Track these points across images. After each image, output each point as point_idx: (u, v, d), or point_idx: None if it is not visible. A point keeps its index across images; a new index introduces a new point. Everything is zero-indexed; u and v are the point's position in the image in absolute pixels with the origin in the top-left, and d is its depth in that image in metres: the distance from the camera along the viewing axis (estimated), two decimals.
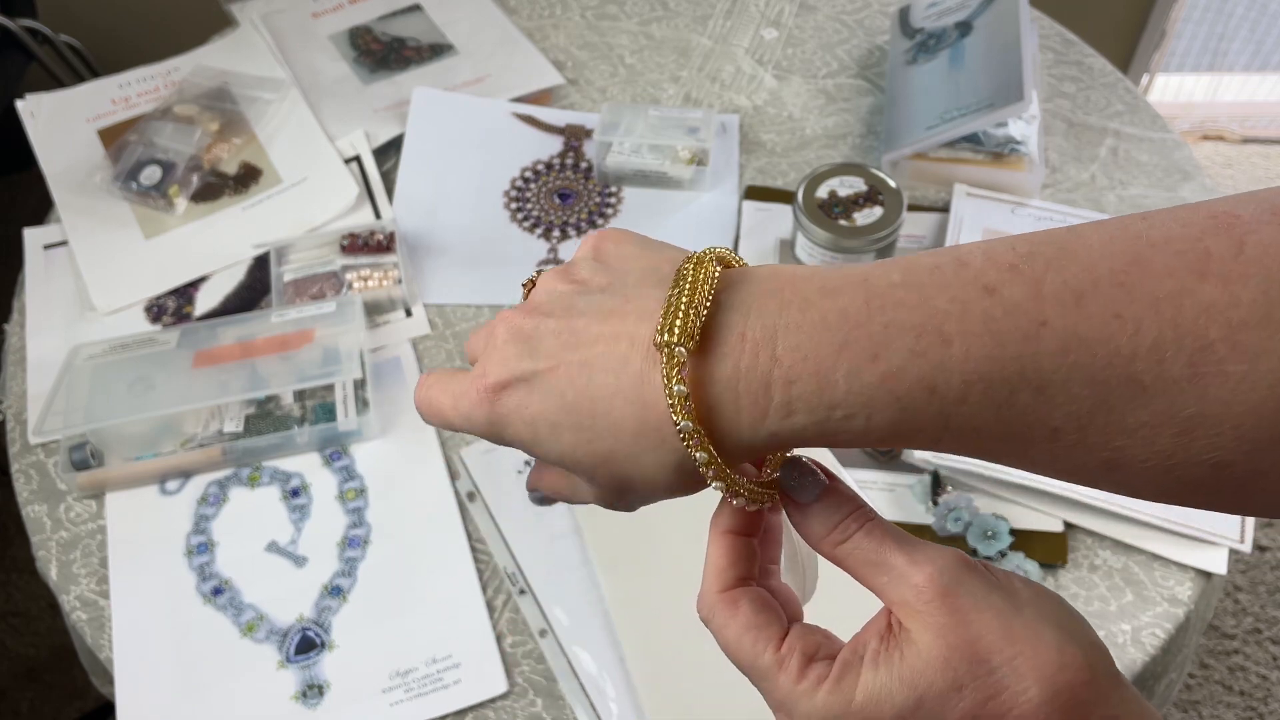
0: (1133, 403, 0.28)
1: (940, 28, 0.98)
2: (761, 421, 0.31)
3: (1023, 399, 0.29)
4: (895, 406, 0.30)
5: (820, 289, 0.31)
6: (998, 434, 0.30)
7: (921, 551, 0.32)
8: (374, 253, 0.86)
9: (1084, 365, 0.28)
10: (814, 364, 0.30)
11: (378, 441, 0.78)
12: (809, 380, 0.30)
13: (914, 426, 0.30)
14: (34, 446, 0.79)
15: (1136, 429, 0.28)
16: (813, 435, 0.31)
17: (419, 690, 0.67)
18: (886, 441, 0.31)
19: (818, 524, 0.34)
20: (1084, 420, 0.29)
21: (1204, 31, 1.92)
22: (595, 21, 1.09)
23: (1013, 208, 0.89)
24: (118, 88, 1.03)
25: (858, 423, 0.30)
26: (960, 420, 0.30)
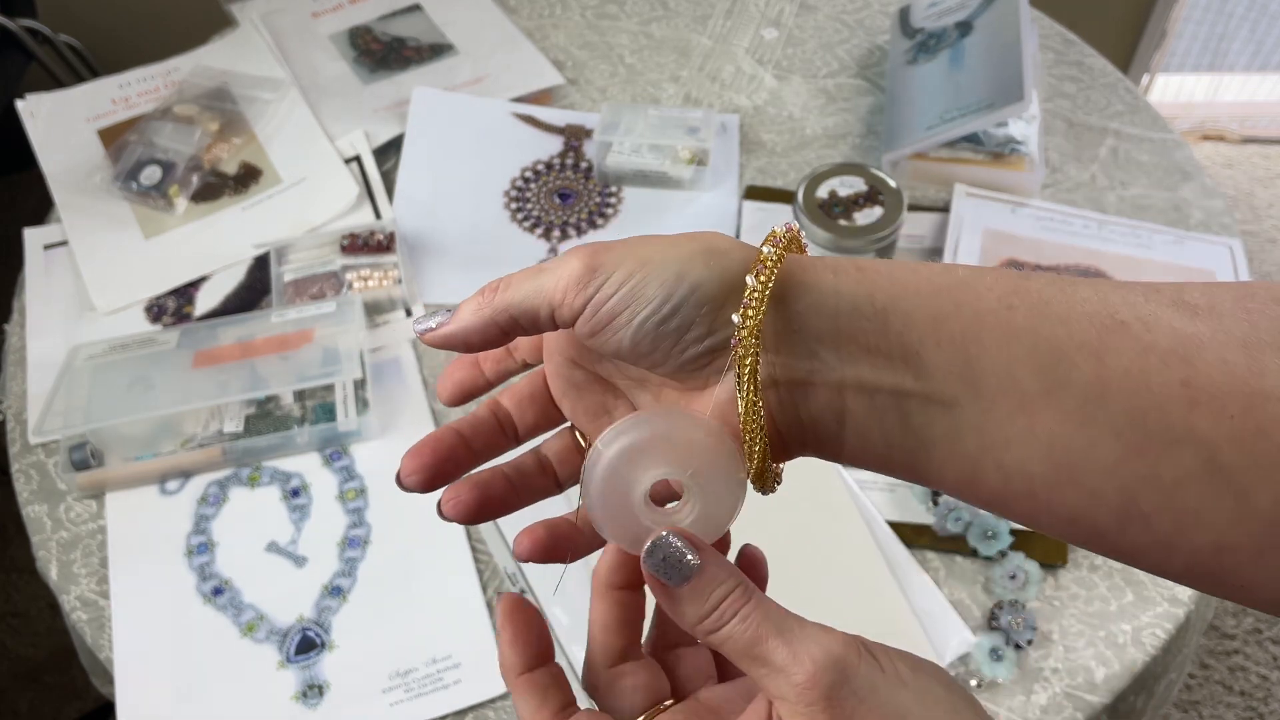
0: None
1: (940, 28, 0.98)
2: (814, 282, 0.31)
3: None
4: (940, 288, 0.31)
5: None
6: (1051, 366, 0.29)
7: (803, 643, 0.29)
8: (374, 253, 0.86)
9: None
10: (886, 274, 0.31)
11: (378, 441, 0.78)
12: (880, 269, 0.32)
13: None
14: (34, 446, 0.79)
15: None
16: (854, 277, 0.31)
17: (419, 690, 0.67)
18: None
19: (689, 609, 0.30)
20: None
21: (1204, 31, 1.92)
22: (595, 21, 1.09)
23: (1013, 208, 0.89)
24: (118, 88, 1.03)
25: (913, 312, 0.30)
26: (1007, 338, 0.30)
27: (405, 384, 0.81)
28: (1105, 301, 0.30)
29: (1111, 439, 0.28)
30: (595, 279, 0.32)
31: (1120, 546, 0.30)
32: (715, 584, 0.30)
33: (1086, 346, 0.29)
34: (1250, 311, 0.29)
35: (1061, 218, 0.88)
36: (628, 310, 0.31)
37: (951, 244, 0.86)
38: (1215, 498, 0.28)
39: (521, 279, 0.34)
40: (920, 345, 0.30)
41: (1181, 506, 0.28)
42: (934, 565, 0.70)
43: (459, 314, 0.36)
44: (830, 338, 0.31)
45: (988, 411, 0.29)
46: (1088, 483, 0.29)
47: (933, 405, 0.30)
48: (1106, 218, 0.89)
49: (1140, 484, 0.28)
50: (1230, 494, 0.27)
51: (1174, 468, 0.28)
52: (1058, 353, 0.29)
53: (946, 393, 0.30)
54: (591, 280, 0.32)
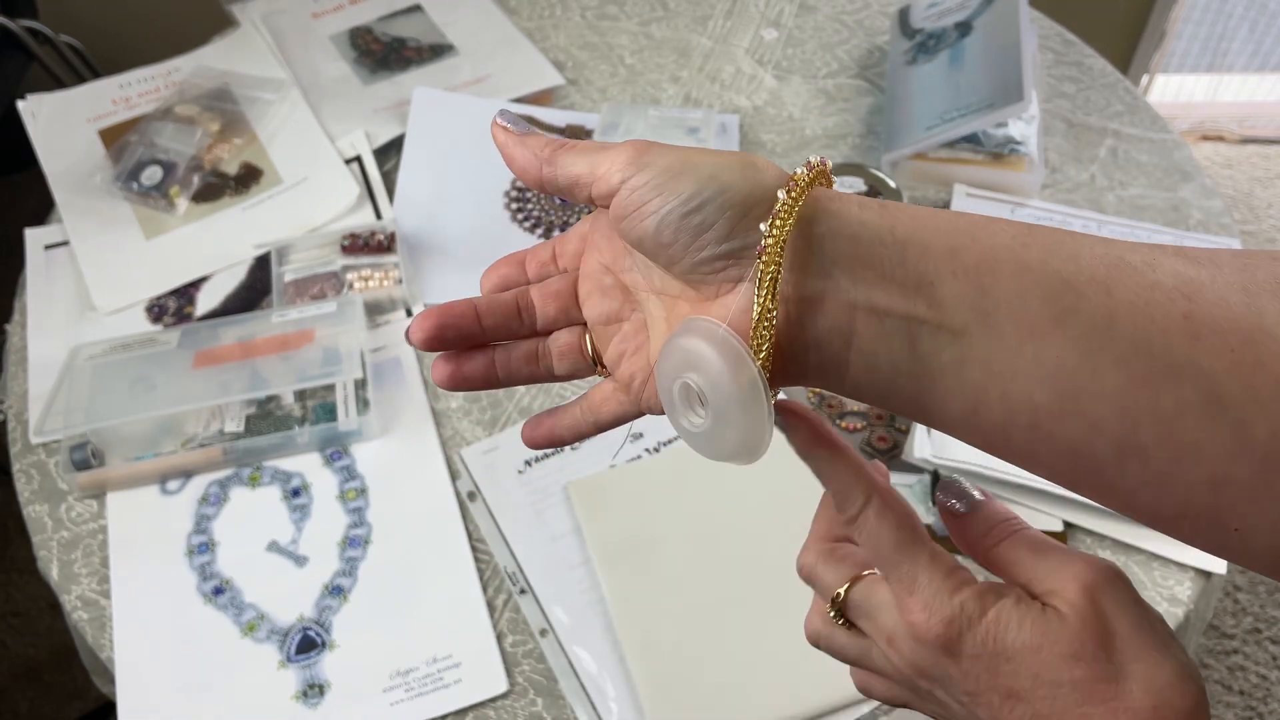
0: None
1: (940, 28, 0.98)
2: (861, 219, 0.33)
3: (1067, 298, 0.31)
4: (970, 242, 0.32)
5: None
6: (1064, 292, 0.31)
7: (1077, 555, 0.34)
8: (374, 253, 0.86)
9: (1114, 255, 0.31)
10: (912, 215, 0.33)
11: (378, 441, 0.78)
12: (901, 211, 0.33)
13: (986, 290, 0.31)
14: (35, 446, 0.79)
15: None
16: (874, 220, 0.32)
17: (419, 690, 0.67)
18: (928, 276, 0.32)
19: (977, 529, 0.36)
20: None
21: (1204, 32, 1.92)
22: (595, 21, 1.09)
23: (1012, 208, 0.89)
24: (118, 88, 1.03)
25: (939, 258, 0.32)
26: (1033, 293, 0.31)
27: (406, 384, 0.81)
28: (1111, 246, 0.31)
29: (1115, 368, 0.29)
30: (637, 166, 0.34)
31: (1115, 485, 0.31)
32: (997, 510, 0.36)
33: (1095, 280, 0.30)
34: (1248, 266, 0.30)
35: (1061, 218, 0.88)
36: (658, 199, 0.33)
37: None
38: (1214, 430, 0.29)
39: (583, 151, 0.36)
40: (935, 275, 0.31)
41: (1180, 438, 0.29)
42: None
43: (518, 150, 0.38)
44: (847, 261, 0.32)
45: (996, 340, 0.31)
46: (1090, 412, 0.30)
47: (942, 333, 0.31)
48: (1106, 218, 0.89)
49: (1141, 414, 0.29)
50: (1229, 426, 0.28)
51: (1175, 399, 0.29)
52: (1068, 284, 0.30)
53: (957, 321, 0.31)
54: (634, 166, 0.34)
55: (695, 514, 0.72)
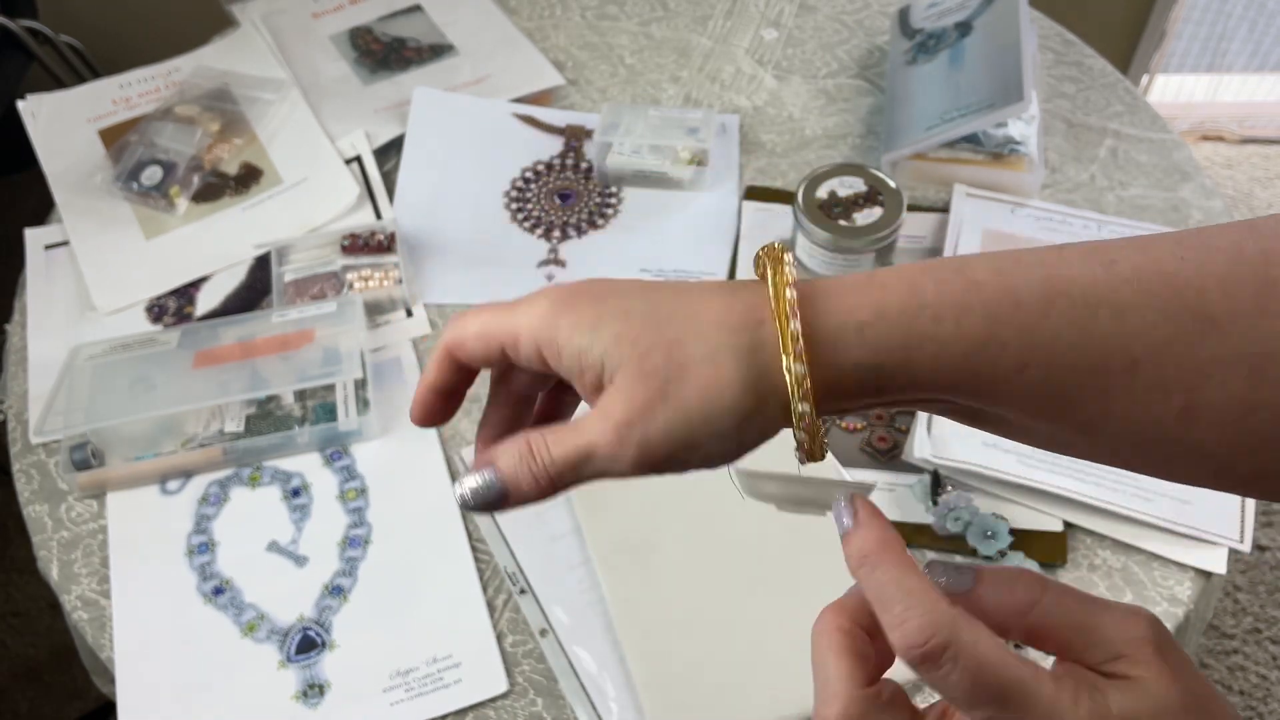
0: (1205, 337, 0.30)
1: (940, 28, 0.98)
2: (854, 313, 0.32)
3: (1103, 319, 0.31)
4: (981, 313, 0.31)
5: (895, 274, 0.34)
6: (1080, 362, 0.31)
7: (1123, 610, 0.32)
8: (374, 253, 0.86)
9: (1157, 293, 0.30)
10: (906, 279, 0.33)
11: (378, 441, 0.78)
12: (900, 287, 0.32)
13: (1000, 343, 0.31)
14: (35, 446, 0.79)
15: (1210, 366, 0.30)
16: (898, 342, 0.32)
17: (419, 690, 0.67)
18: (973, 371, 0.32)
19: (1001, 597, 0.32)
20: (1161, 350, 0.30)
21: (1203, 32, 1.92)
22: (595, 22, 1.09)
23: (1012, 208, 0.89)
24: (118, 88, 1.03)
25: (946, 327, 0.32)
26: (1045, 338, 0.31)
27: (406, 384, 0.81)
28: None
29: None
30: (637, 430, 0.33)
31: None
32: (1010, 573, 0.33)
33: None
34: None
35: (1061, 218, 0.88)
36: (684, 453, 0.33)
37: (951, 244, 0.86)
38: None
39: (561, 436, 0.34)
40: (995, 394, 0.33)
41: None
42: None
43: (511, 481, 0.36)
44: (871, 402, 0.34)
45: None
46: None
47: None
48: (1106, 218, 0.89)
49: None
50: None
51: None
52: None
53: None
54: (633, 433, 0.33)
55: (695, 514, 0.72)
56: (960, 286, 0.32)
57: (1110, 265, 0.31)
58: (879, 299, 0.32)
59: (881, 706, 0.32)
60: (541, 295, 0.35)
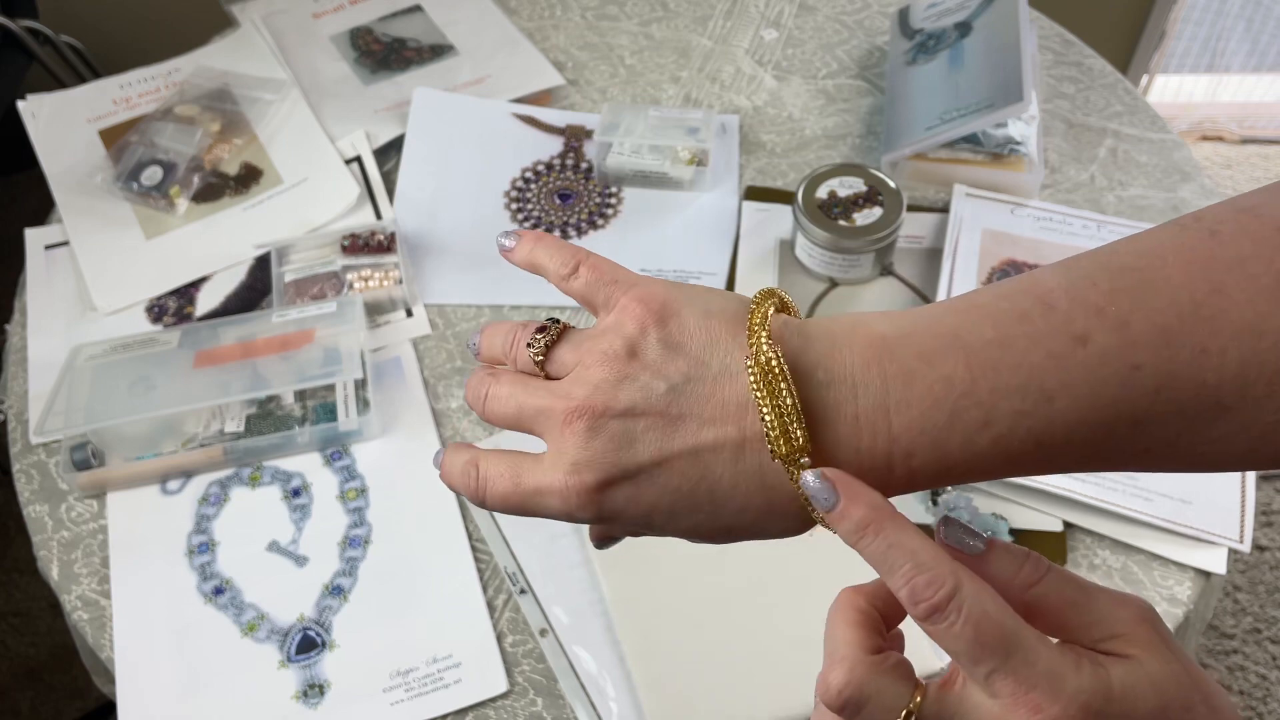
0: (1217, 421, 0.31)
1: (940, 28, 0.98)
2: (887, 486, 0.33)
3: (1120, 433, 0.32)
4: (1005, 457, 0.32)
5: (918, 355, 0.33)
6: (1093, 461, 0.33)
7: (1119, 595, 0.33)
8: (375, 253, 0.86)
9: (1175, 399, 0.31)
10: (930, 437, 0.32)
11: (378, 441, 0.78)
12: (927, 451, 0.32)
13: (1023, 466, 0.33)
14: (35, 446, 0.79)
15: (1219, 439, 0.31)
16: (931, 484, 0.34)
17: (419, 690, 0.67)
18: (995, 478, 0.34)
19: (1008, 569, 0.33)
20: (1172, 440, 0.32)
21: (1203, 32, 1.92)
22: (595, 22, 1.09)
23: (1012, 208, 0.89)
24: (119, 88, 1.03)
25: (974, 475, 0.33)
26: (1064, 457, 0.33)
27: (406, 384, 0.81)
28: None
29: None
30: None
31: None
32: (1015, 549, 0.33)
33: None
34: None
35: (1061, 218, 0.88)
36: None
37: (951, 245, 0.86)
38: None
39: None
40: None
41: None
42: None
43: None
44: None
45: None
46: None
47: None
48: (1106, 218, 0.89)
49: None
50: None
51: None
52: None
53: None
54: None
55: None
56: (987, 443, 0.32)
57: (1133, 373, 0.31)
58: (907, 472, 0.33)
59: (884, 671, 0.32)
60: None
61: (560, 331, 0.37)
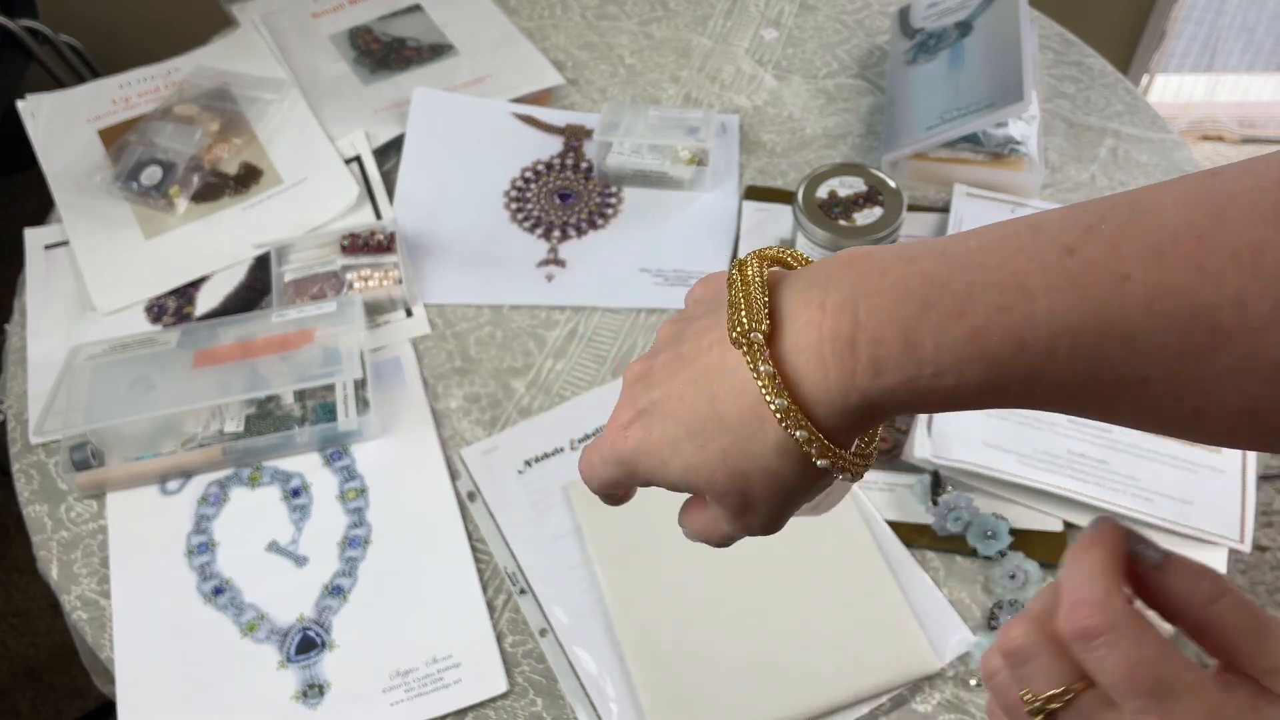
0: (1218, 350, 0.29)
1: (940, 28, 0.98)
2: (850, 381, 0.32)
3: (1111, 348, 0.29)
4: (984, 362, 0.30)
5: (896, 256, 0.32)
6: (1089, 385, 0.30)
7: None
8: (374, 253, 0.86)
9: (1169, 314, 0.29)
10: (899, 325, 0.31)
11: (378, 441, 0.78)
12: (895, 340, 0.31)
13: (1005, 382, 0.31)
14: (35, 446, 0.79)
15: (1223, 375, 0.29)
16: (904, 396, 0.32)
17: (419, 690, 0.67)
18: (980, 400, 0.32)
19: (1186, 583, 0.32)
20: (1172, 367, 0.29)
21: (1203, 32, 1.92)
22: (595, 21, 1.09)
23: (1012, 208, 0.89)
24: (118, 88, 1.03)
25: (948, 380, 0.31)
26: (1051, 374, 0.30)
27: (406, 384, 0.81)
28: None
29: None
30: None
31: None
32: (1197, 564, 0.32)
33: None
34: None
35: None
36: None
37: None
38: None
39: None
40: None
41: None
42: (933, 565, 0.71)
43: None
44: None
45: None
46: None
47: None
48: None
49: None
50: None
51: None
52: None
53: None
54: None
55: None
56: (962, 336, 0.30)
57: (1122, 283, 0.29)
58: (873, 360, 0.31)
59: (1054, 642, 0.32)
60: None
61: None
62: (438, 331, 0.84)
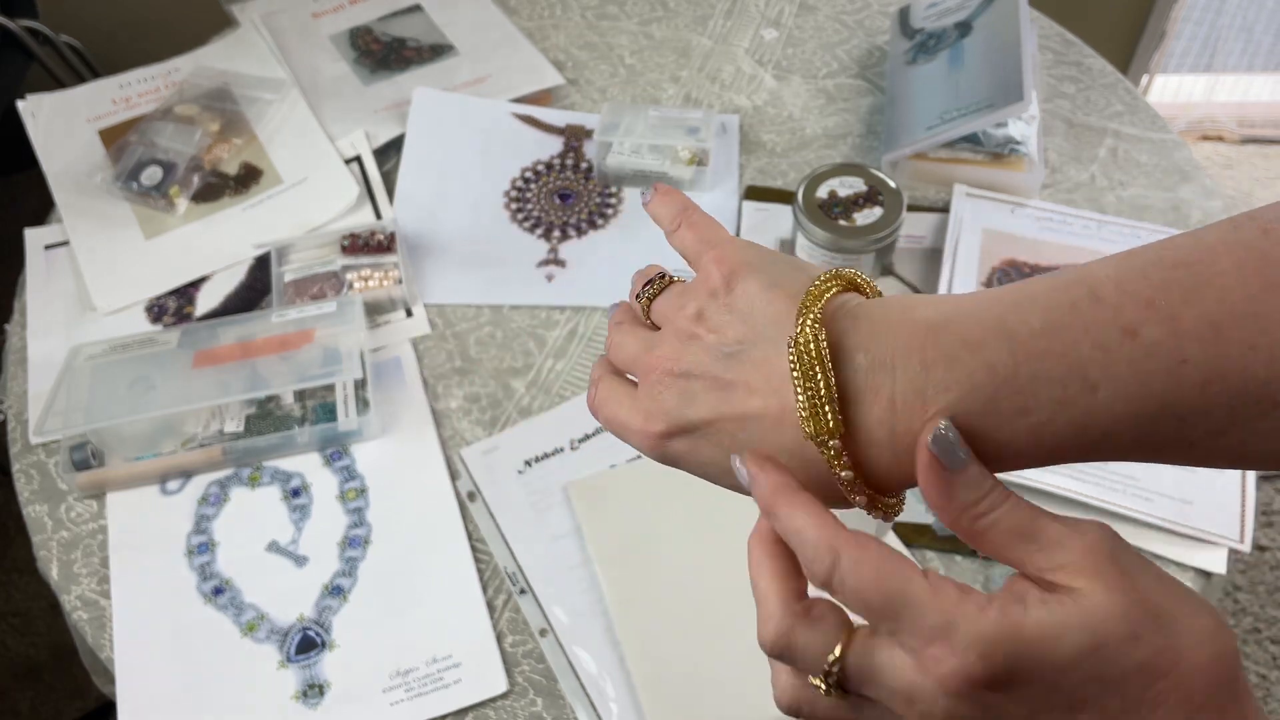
0: (1265, 417, 0.31)
1: (940, 28, 0.98)
2: (915, 474, 0.33)
3: (1164, 427, 0.31)
4: (1043, 449, 0.32)
5: (962, 342, 0.32)
6: (1138, 451, 0.32)
7: (1073, 521, 0.32)
8: (374, 253, 0.86)
9: (1222, 394, 0.30)
10: (965, 422, 0.32)
11: (378, 441, 0.78)
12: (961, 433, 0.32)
13: (1060, 457, 0.33)
14: (35, 446, 0.79)
15: (1266, 434, 0.31)
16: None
17: (419, 690, 0.67)
18: (1031, 466, 0.34)
19: (966, 493, 0.32)
20: (1218, 434, 0.31)
21: (1203, 32, 1.92)
22: (595, 21, 1.09)
23: (1012, 208, 0.89)
24: (118, 88, 1.03)
25: (1008, 464, 0.33)
26: (1105, 449, 0.32)
27: (406, 384, 0.81)
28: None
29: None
30: None
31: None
32: (985, 475, 0.33)
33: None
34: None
35: (1061, 218, 0.88)
36: None
37: (951, 244, 0.86)
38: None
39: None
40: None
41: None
42: (934, 565, 0.71)
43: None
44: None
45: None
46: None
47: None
48: (1106, 218, 0.89)
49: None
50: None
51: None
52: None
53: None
54: None
55: (695, 514, 0.72)
56: (1024, 429, 0.32)
57: (1180, 367, 0.30)
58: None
59: (807, 621, 0.33)
60: None
61: (664, 285, 0.41)
62: (438, 331, 0.84)
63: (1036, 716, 0.30)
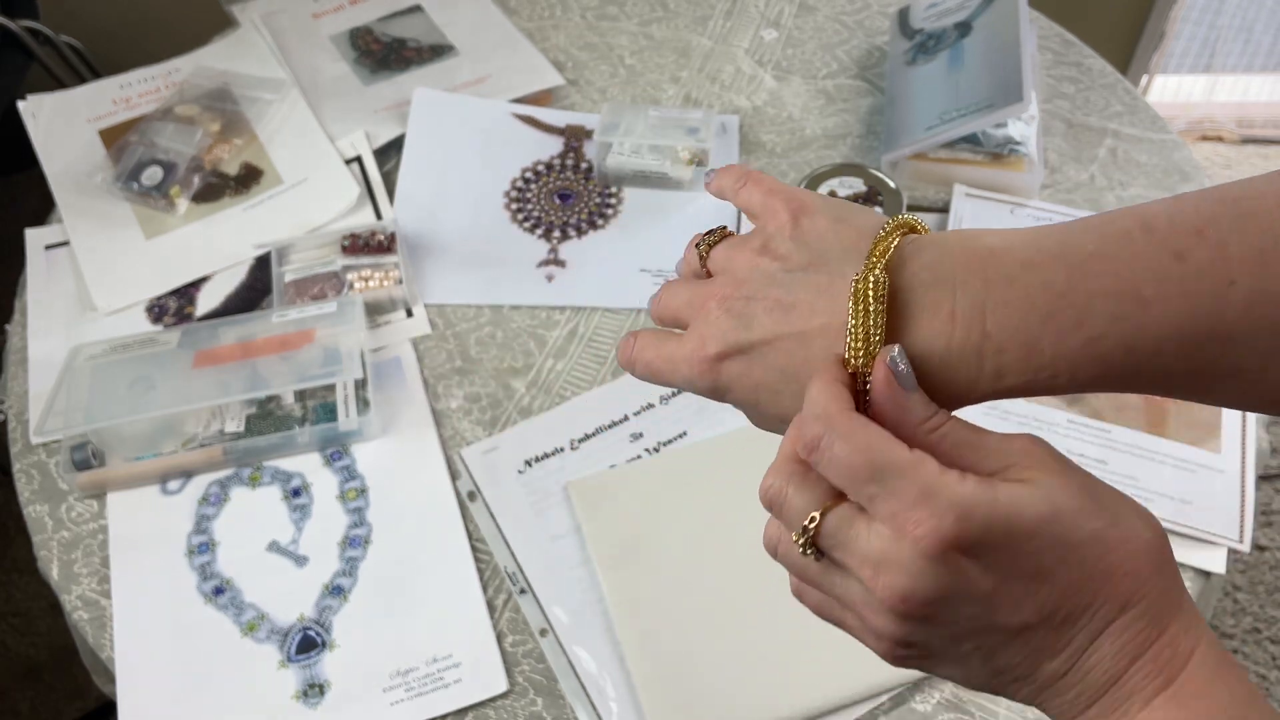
0: None
1: (940, 28, 0.98)
2: (975, 384, 0.35)
3: (1211, 349, 0.33)
4: (1096, 364, 0.34)
5: (1022, 263, 0.34)
6: (1185, 378, 0.34)
7: (1010, 434, 0.35)
8: (375, 253, 0.86)
9: (1267, 317, 0.32)
10: (1023, 335, 0.34)
11: (378, 441, 0.78)
12: (1018, 349, 0.34)
13: (1110, 377, 0.34)
14: (35, 446, 0.79)
15: None
16: (1016, 392, 0.35)
17: (419, 689, 0.67)
18: (1079, 389, 0.35)
19: (919, 409, 0.34)
20: (1265, 360, 0.33)
21: (1202, 32, 1.92)
22: (595, 22, 1.09)
23: (1012, 208, 0.89)
24: (119, 88, 1.03)
25: (1061, 380, 0.34)
26: (1152, 369, 0.34)
27: (406, 384, 0.81)
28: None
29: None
30: None
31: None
32: (929, 400, 0.35)
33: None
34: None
35: (1060, 218, 0.89)
36: None
37: None
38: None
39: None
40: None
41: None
42: None
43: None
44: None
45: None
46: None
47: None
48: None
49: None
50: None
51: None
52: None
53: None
54: None
55: (695, 514, 0.72)
56: (1079, 343, 0.33)
57: (1228, 289, 0.32)
58: (996, 367, 0.34)
59: (804, 481, 0.35)
60: None
61: (723, 235, 0.42)
62: (438, 331, 0.84)
63: (1002, 585, 0.32)
